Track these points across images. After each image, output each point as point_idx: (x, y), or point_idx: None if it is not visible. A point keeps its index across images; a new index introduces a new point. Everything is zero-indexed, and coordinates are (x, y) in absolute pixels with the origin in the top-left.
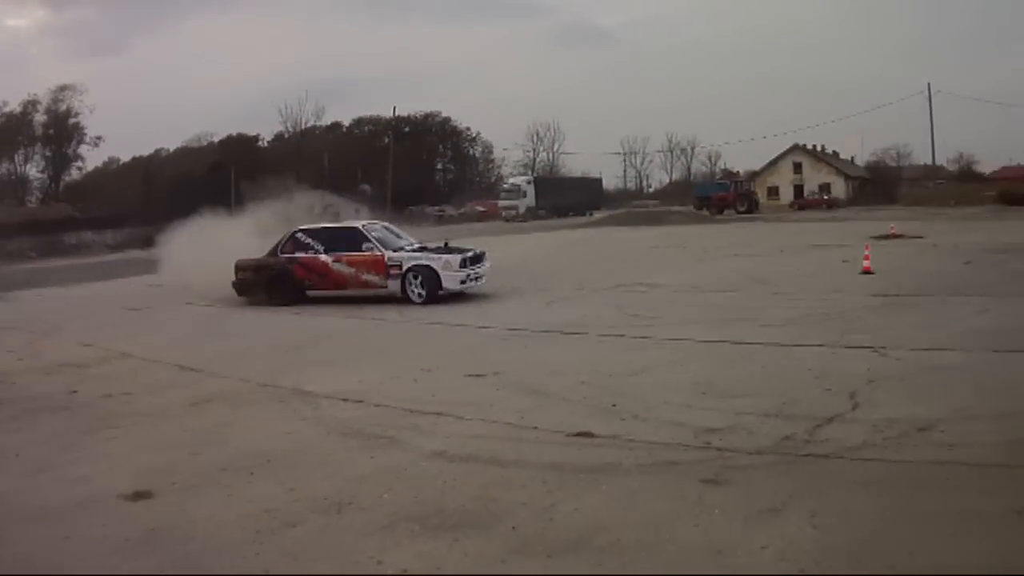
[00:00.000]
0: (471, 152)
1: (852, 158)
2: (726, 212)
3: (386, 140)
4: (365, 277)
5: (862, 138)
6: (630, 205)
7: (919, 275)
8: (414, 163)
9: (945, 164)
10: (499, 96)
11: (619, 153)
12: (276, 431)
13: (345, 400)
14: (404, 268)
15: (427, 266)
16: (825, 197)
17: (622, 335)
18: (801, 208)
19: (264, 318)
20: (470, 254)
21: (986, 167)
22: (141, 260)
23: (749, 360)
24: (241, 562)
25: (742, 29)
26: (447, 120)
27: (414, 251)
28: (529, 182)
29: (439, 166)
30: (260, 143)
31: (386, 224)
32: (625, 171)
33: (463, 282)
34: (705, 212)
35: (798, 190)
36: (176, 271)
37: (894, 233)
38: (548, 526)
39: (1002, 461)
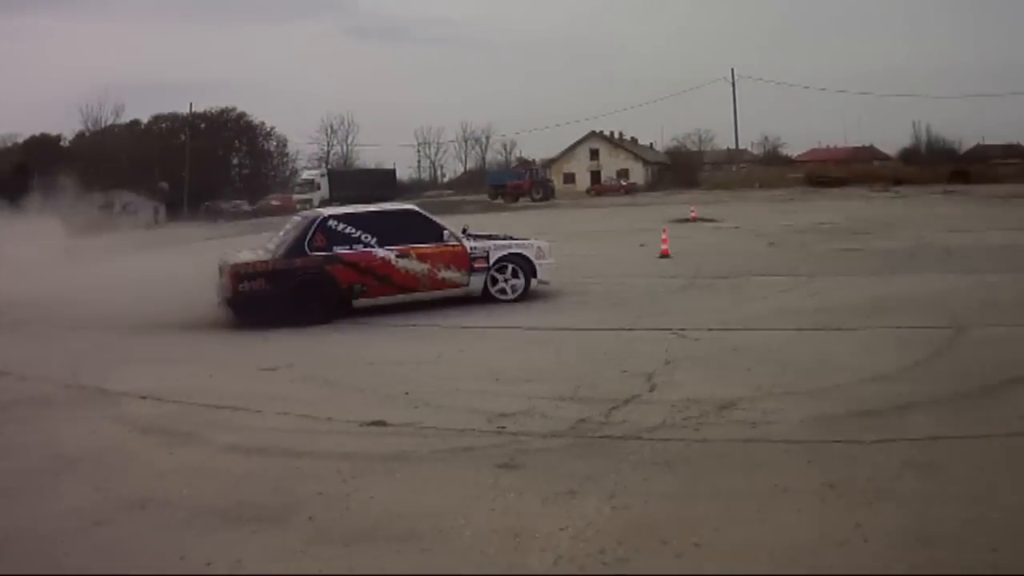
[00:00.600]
0: (266, 147)
1: (652, 144)
2: (522, 200)
3: (182, 137)
4: (443, 275)
5: (663, 124)
6: (423, 196)
7: (720, 258)
8: (210, 159)
9: (750, 148)
10: (297, 91)
11: (413, 144)
12: (80, 431)
13: (144, 398)
14: (492, 260)
15: (520, 255)
16: (623, 183)
17: (414, 324)
18: (598, 194)
19: None
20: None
21: (794, 150)
22: None
23: (544, 345)
24: (51, 564)
25: (538, 21)
26: (242, 115)
27: (484, 239)
28: (323, 175)
29: (235, 161)
30: (63, 143)
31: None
32: (419, 162)
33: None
34: (500, 201)
35: (595, 176)
36: None
37: (694, 217)
38: (344, 515)
39: (807, 437)
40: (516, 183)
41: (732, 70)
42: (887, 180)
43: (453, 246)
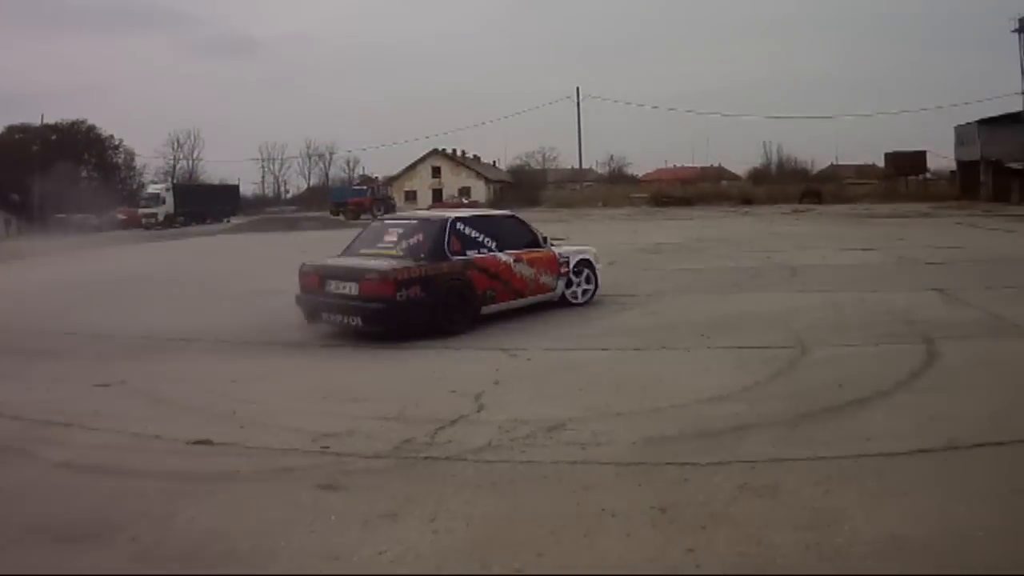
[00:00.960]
0: (114, 160)
1: (495, 162)
2: (363, 217)
3: (34, 148)
4: (543, 280)
5: (506, 143)
6: (265, 211)
7: None
8: (62, 172)
9: (595, 167)
10: (144, 105)
11: (257, 159)
12: None
13: None
14: (571, 265)
15: (588, 260)
16: (464, 201)
17: (247, 341)
18: None
19: None
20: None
21: (641, 169)
22: None
23: (373, 364)
24: None
25: (384, 39)
26: (92, 128)
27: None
28: (168, 189)
29: (83, 174)
30: None
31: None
32: (263, 177)
33: None
34: (342, 217)
35: (437, 194)
36: None
37: None
38: (166, 535)
39: (638, 459)
40: (357, 200)
41: (577, 89)
42: (736, 199)
43: (548, 252)
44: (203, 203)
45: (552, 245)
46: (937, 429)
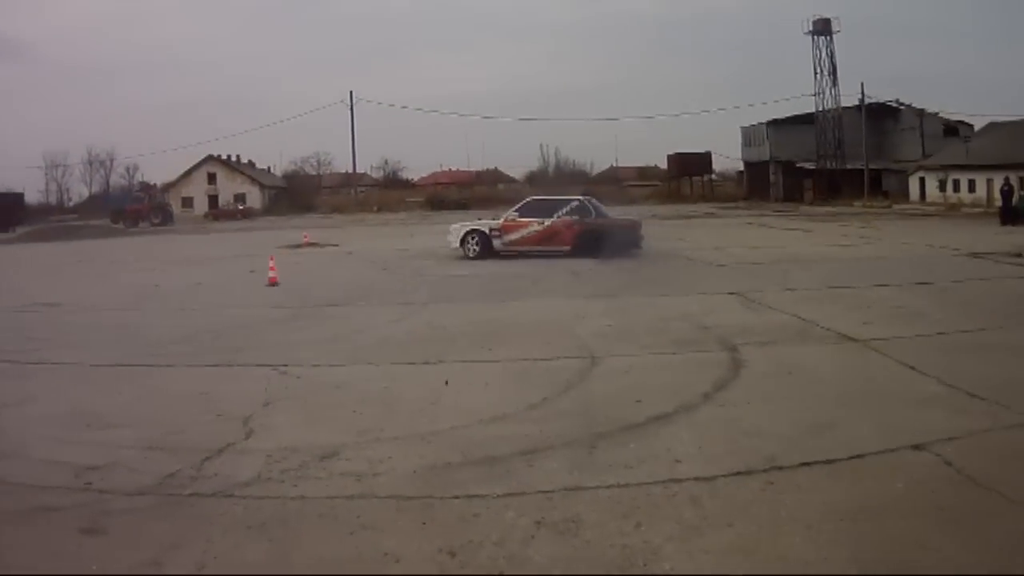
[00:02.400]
0: None
1: (270, 167)
2: (141, 224)
3: None
4: None
5: (281, 148)
6: (48, 220)
7: (331, 285)
8: None
9: (370, 171)
10: None
11: (40, 167)
12: None
13: None
14: None
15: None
16: (240, 207)
17: (12, 361)
18: (216, 218)
19: None
20: None
21: (416, 174)
22: None
23: (138, 385)
24: None
25: (156, 43)
26: None
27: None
28: None
29: None
30: None
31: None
32: (47, 185)
33: None
34: (121, 224)
35: (213, 200)
36: None
37: (307, 242)
38: None
39: (420, 492)
40: (135, 207)
41: (351, 93)
42: (513, 202)
43: None
44: None
45: None
46: (754, 447)
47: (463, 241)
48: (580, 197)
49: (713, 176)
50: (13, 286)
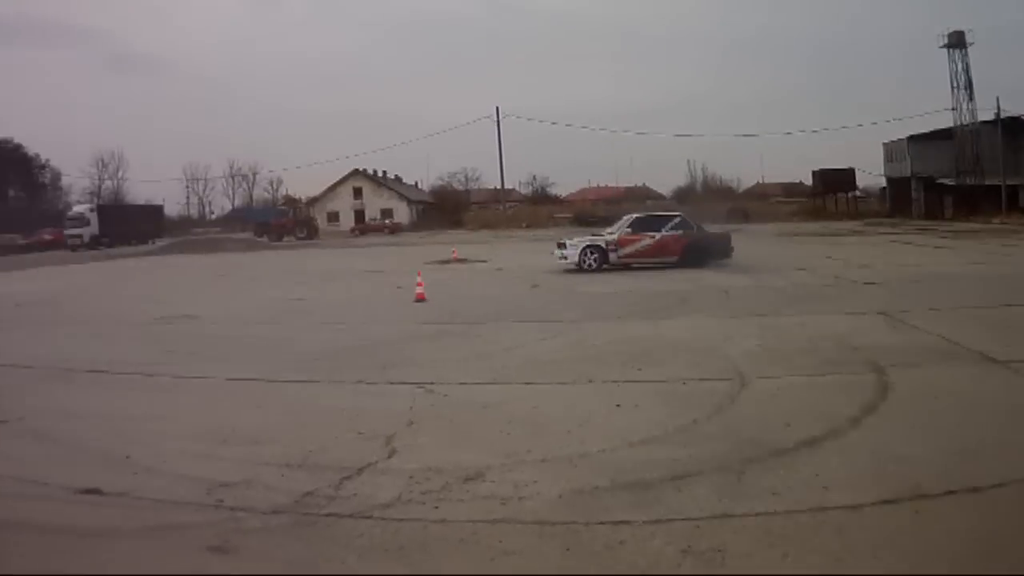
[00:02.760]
0: (40, 180)
1: (417, 183)
2: (286, 238)
3: None
4: None
5: (428, 163)
6: (189, 232)
7: (479, 301)
8: None
9: (518, 187)
10: (67, 124)
11: (182, 180)
12: None
13: None
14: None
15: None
16: (387, 222)
17: (153, 374)
18: (362, 233)
19: None
20: None
21: (564, 189)
22: None
23: (279, 400)
24: None
25: (300, 58)
26: (18, 147)
27: None
28: (92, 210)
29: (11, 194)
30: None
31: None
32: (188, 198)
33: None
34: (265, 239)
35: (359, 215)
36: None
37: (456, 258)
38: None
39: (565, 517)
40: (280, 221)
41: (497, 108)
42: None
43: None
44: (128, 224)
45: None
46: (901, 474)
47: (582, 254)
48: (679, 213)
49: (857, 192)
50: (153, 298)
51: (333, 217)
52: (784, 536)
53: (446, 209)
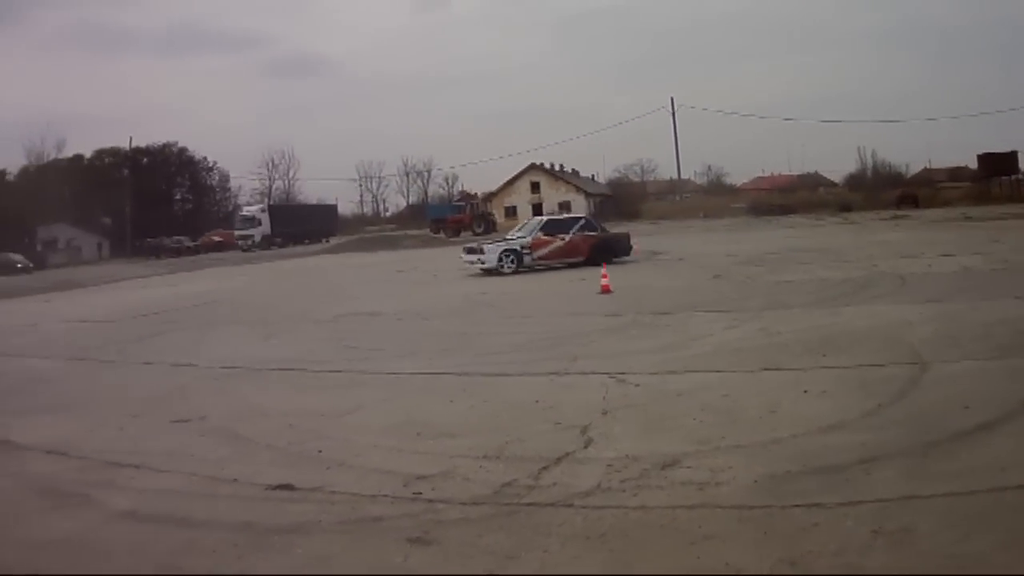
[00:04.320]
0: (208, 182)
1: (594, 175)
2: (463, 234)
3: (125, 172)
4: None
5: (604, 155)
6: (363, 230)
7: (663, 292)
8: (153, 194)
9: (693, 178)
10: (234, 126)
11: (354, 179)
12: None
13: (48, 453)
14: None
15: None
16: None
17: (338, 370)
18: None
19: None
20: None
21: (738, 179)
22: None
23: (471, 393)
24: None
25: (477, 54)
26: (184, 150)
27: None
28: (263, 210)
29: (177, 196)
30: (7, 176)
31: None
32: (361, 196)
33: None
34: (441, 235)
35: (536, 209)
36: None
37: (636, 250)
38: None
39: (761, 501)
40: (456, 217)
41: (671, 99)
42: (834, 207)
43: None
44: (300, 223)
45: None
46: None
47: (500, 258)
48: (584, 216)
49: (1021, 175)
50: (332, 295)
51: (510, 212)
52: (966, 516)
53: (623, 201)
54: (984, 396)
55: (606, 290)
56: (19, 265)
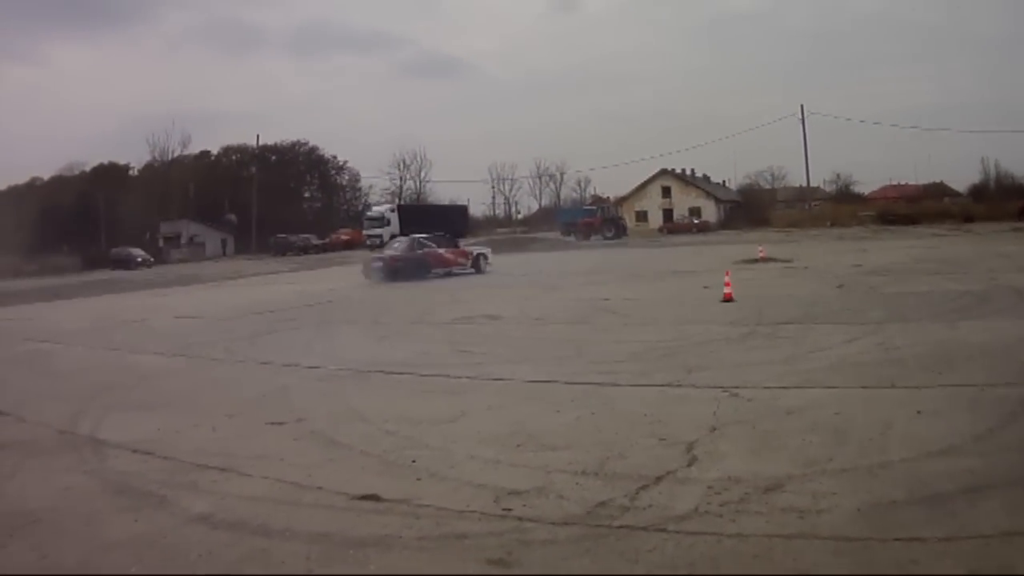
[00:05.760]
0: (338, 181)
1: (724, 181)
2: (593, 237)
3: (252, 169)
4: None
5: (735, 162)
6: (494, 232)
7: (785, 301)
8: (280, 192)
9: (822, 185)
10: (365, 128)
11: (486, 181)
12: (55, 486)
13: (135, 451)
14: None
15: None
16: (695, 221)
17: (447, 375)
18: (670, 232)
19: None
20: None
21: (866, 187)
22: None
23: (579, 403)
24: None
25: (601, 57)
26: (314, 149)
27: None
28: (392, 210)
29: (306, 195)
30: (131, 172)
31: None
32: (494, 198)
33: None
34: (572, 238)
35: (667, 214)
36: None
37: (763, 257)
38: None
39: (861, 533)
40: (587, 220)
41: (801, 106)
42: (958, 217)
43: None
44: (430, 224)
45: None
46: None
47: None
48: (443, 234)
49: None
50: (452, 297)
51: (641, 216)
52: None
53: (753, 207)
54: None
55: (728, 298)
56: (139, 260)
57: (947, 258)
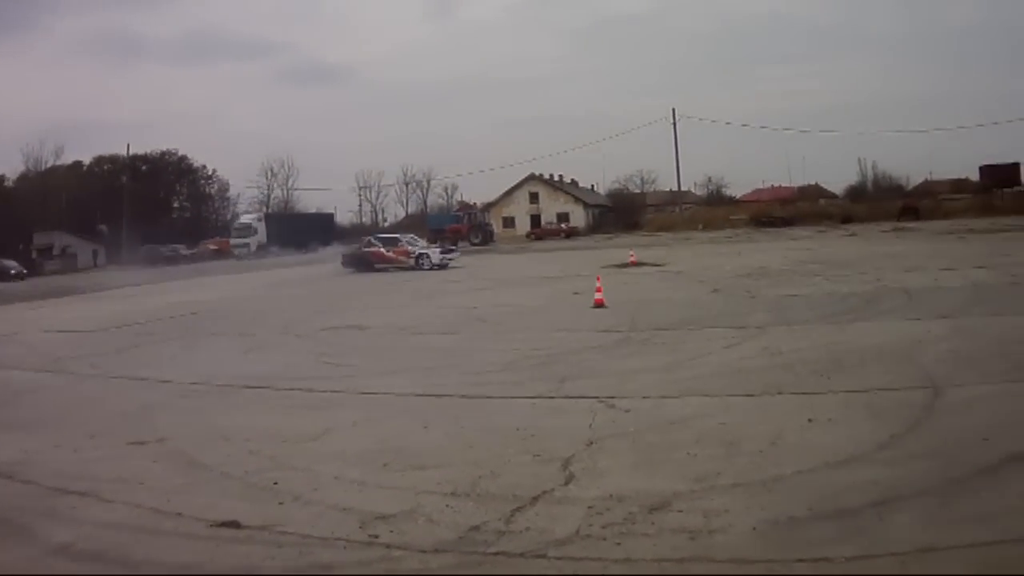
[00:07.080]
0: (207, 190)
1: (593, 186)
2: (460, 244)
3: (123, 179)
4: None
5: (603, 166)
6: (361, 240)
7: (659, 307)
8: (151, 202)
9: (693, 189)
10: (236, 135)
11: (354, 188)
12: None
13: None
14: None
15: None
16: (563, 226)
17: (311, 389)
18: (538, 238)
19: None
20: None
21: (738, 190)
22: None
23: (449, 418)
24: None
25: (470, 64)
26: (183, 158)
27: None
28: (259, 219)
29: (176, 204)
30: (6, 183)
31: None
32: (361, 205)
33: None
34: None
35: (535, 219)
36: None
37: (634, 261)
38: None
39: (762, 554)
40: (455, 227)
41: (673, 110)
42: (836, 218)
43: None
44: (297, 232)
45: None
46: None
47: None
48: (400, 235)
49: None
50: (320, 307)
51: (508, 222)
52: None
53: (623, 212)
54: (1005, 424)
55: (599, 304)
56: (12, 272)
57: (829, 259)
